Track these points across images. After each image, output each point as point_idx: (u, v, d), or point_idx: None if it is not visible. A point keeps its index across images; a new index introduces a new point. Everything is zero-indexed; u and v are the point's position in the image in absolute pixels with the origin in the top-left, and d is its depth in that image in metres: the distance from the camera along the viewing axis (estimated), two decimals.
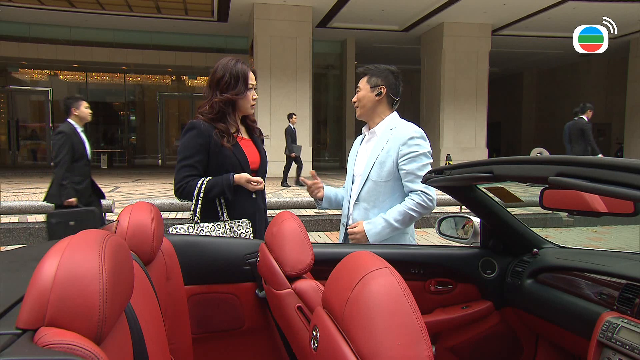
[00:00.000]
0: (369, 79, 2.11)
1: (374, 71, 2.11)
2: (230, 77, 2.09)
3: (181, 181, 2.06)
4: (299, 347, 1.34)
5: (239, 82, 2.09)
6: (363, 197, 2.10)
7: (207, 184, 2.04)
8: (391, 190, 2.06)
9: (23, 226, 5.47)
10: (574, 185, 1.08)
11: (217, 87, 2.10)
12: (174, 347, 1.47)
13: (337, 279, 0.89)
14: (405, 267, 1.82)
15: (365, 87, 2.11)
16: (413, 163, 2.01)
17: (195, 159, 2.06)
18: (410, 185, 2.01)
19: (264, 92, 12.77)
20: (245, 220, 2.10)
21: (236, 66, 2.11)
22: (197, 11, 13.50)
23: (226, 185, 2.05)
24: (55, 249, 0.73)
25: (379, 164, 2.05)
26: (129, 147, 18.94)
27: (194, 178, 2.06)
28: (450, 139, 14.70)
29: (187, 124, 2.11)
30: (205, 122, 2.08)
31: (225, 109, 2.10)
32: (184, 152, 2.08)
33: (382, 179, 2.05)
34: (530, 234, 1.86)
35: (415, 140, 2.03)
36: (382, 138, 2.09)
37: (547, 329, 1.67)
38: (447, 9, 12.77)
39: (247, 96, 2.12)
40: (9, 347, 0.65)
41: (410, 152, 2.01)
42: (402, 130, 2.06)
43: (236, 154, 2.11)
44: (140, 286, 1.10)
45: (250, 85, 2.13)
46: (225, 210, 2.09)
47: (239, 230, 2.06)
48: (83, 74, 18.16)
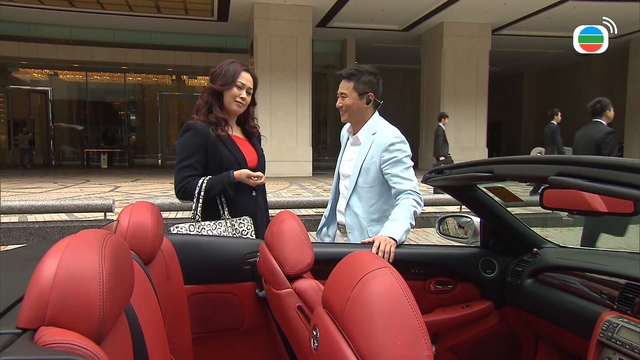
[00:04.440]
0: (355, 85, 2.13)
1: (359, 76, 2.13)
2: (221, 70, 2.14)
3: (182, 182, 2.07)
4: (299, 346, 1.34)
5: (227, 75, 2.12)
6: (353, 203, 2.16)
7: (208, 183, 2.05)
8: (378, 195, 2.13)
9: (23, 226, 5.47)
10: (574, 184, 1.09)
11: (210, 80, 2.17)
12: (174, 347, 1.47)
13: (337, 279, 0.89)
14: (405, 266, 1.82)
15: (353, 94, 2.13)
16: (396, 167, 2.06)
17: (194, 159, 2.08)
18: (398, 187, 2.05)
19: (264, 92, 12.77)
20: (246, 217, 2.12)
21: (231, 64, 2.15)
22: (197, 11, 13.49)
23: (227, 182, 2.06)
24: (55, 248, 0.74)
25: (364, 171, 2.12)
26: (129, 147, 18.95)
27: (194, 178, 2.07)
28: (450, 139, 14.63)
29: (183, 126, 2.14)
30: (201, 122, 2.10)
31: (211, 100, 2.13)
32: (182, 153, 2.09)
33: (367, 185, 2.13)
34: (530, 234, 1.86)
35: (396, 145, 2.08)
36: (365, 144, 2.15)
37: (547, 328, 1.67)
38: (447, 8, 12.77)
39: (232, 90, 2.12)
40: (9, 346, 0.65)
41: (392, 158, 2.07)
42: (383, 136, 2.11)
43: (234, 152, 2.13)
44: (140, 286, 1.10)
45: (239, 82, 2.13)
46: (226, 209, 2.11)
47: (240, 227, 2.08)
48: (83, 74, 18.16)
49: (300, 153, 13.21)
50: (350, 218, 2.16)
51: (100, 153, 17.71)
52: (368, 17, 13.76)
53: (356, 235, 2.14)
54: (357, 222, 2.14)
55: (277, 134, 12.93)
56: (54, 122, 17.73)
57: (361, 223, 2.13)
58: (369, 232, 2.10)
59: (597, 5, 11.58)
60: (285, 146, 13.02)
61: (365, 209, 2.13)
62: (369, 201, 2.12)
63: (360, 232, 2.13)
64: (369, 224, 2.12)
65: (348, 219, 2.17)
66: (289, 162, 13.00)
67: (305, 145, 13.29)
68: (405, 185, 2.03)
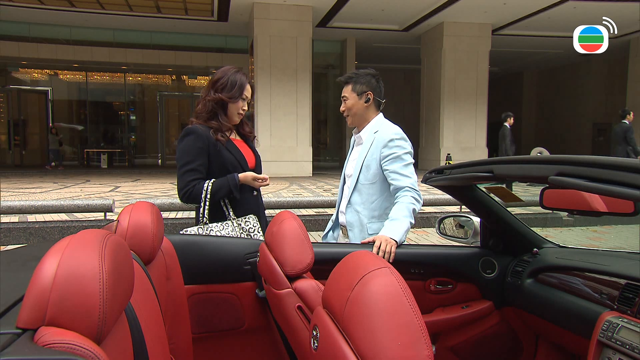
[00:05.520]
0: (353, 86, 2.16)
1: (356, 78, 2.16)
2: (228, 80, 2.15)
3: (187, 185, 2.08)
4: (299, 346, 1.34)
5: (234, 87, 2.14)
6: (354, 200, 2.17)
7: (213, 186, 2.08)
8: (379, 191, 2.13)
9: (23, 226, 5.46)
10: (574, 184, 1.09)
11: (213, 87, 2.16)
12: (174, 347, 1.47)
13: (337, 279, 0.89)
14: (405, 266, 1.82)
15: (352, 95, 2.17)
16: (395, 163, 2.07)
17: (197, 162, 2.09)
18: (397, 183, 2.05)
19: (264, 92, 12.77)
20: (251, 215, 2.15)
21: (236, 74, 2.17)
22: (197, 11, 13.49)
23: (233, 185, 2.09)
24: (55, 248, 0.73)
25: (365, 168, 2.14)
26: (129, 147, 18.95)
27: (199, 181, 2.09)
28: (450, 139, 14.70)
29: (184, 130, 2.15)
30: (201, 125, 2.12)
31: (217, 108, 2.15)
32: (185, 157, 2.10)
33: (368, 182, 2.14)
34: (530, 234, 1.86)
35: (396, 142, 2.09)
36: (367, 142, 2.17)
37: (547, 328, 1.67)
38: (447, 8, 12.77)
39: (237, 103, 2.16)
40: (9, 346, 0.65)
41: (391, 154, 2.08)
42: (383, 133, 2.13)
43: (235, 154, 2.16)
44: (141, 286, 1.10)
45: (244, 95, 2.17)
46: (231, 209, 2.14)
47: (246, 226, 2.11)
48: (83, 74, 18.17)
49: (300, 153, 13.21)
50: (351, 215, 2.17)
51: (100, 153, 17.70)
52: (368, 17, 13.76)
53: (356, 232, 2.14)
54: (358, 219, 2.14)
55: (277, 134, 12.93)
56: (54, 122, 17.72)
57: (362, 220, 2.13)
58: (369, 229, 2.10)
59: (597, 5, 11.58)
60: (285, 146, 13.03)
61: (366, 206, 2.13)
62: (369, 198, 2.13)
63: (360, 230, 2.13)
64: (369, 221, 2.12)
65: (349, 216, 2.18)
66: (289, 162, 13.01)
67: (305, 145, 13.29)
68: (404, 182, 2.03)
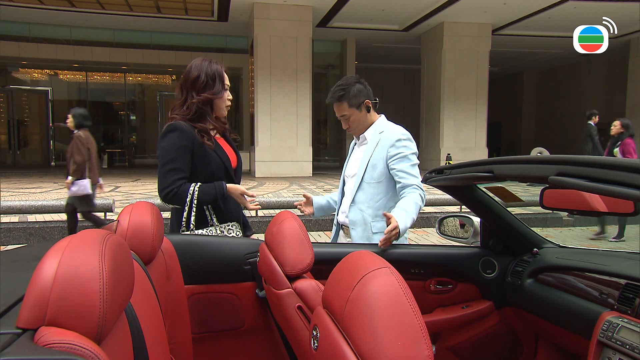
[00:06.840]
0: (349, 102, 2.15)
1: (347, 93, 2.14)
2: (207, 77, 2.03)
3: (171, 185, 1.96)
4: (299, 346, 1.34)
5: (215, 81, 2.04)
6: (359, 199, 2.16)
7: (199, 192, 1.98)
8: (385, 190, 2.14)
9: (23, 226, 5.47)
10: (574, 184, 1.09)
11: (193, 87, 2.03)
12: (174, 347, 1.47)
13: (337, 279, 0.89)
14: (405, 266, 1.82)
15: (351, 111, 2.17)
16: (402, 162, 2.09)
17: (181, 161, 1.98)
18: (404, 181, 2.06)
19: (264, 92, 12.78)
20: (235, 223, 2.10)
21: (211, 66, 2.05)
22: (197, 11, 13.49)
23: (220, 195, 2.01)
24: (55, 248, 0.73)
25: (371, 167, 2.14)
26: (129, 147, 18.95)
27: (184, 182, 1.99)
28: (450, 139, 14.70)
29: (167, 126, 2.01)
30: (185, 122, 2.01)
31: (204, 109, 2.04)
32: (168, 155, 1.97)
33: (374, 181, 2.14)
34: (531, 234, 1.86)
35: (403, 142, 2.11)
36: (372, 142, 2.18)
37: (547, 328, 1.67)
38: (447, 8, 12.76)
39: (223, 96, 2.08)
40: (9, 346, 0.65)
41: (398, 153, 2.09)
42: (390, 133, 2.15)
43: (219, 154, 2.08)
44: (141, 286, 1.10)
45: (226, 85, 2.09)
46: (214, 216, 2.06)
47: (229, 234, 2.07)
48: (83, 74, 18.15)
49: (300, 153, 13.21)
50: (355, 214, 2.16)
51: (101, 153, 17.71)
52: (368, 17, 13.76)
53: (359, 231, 2.14)
54: (362, 218, 2.14)
55: (277, 134, 12.93)
56: (54, 122, 17.72)
57: (366, 219, 2.13)
58: (373, 227, 2.11)
59: (597, 5, 11.57)
60: (285, 146, 13.03)
61: (371, 205, 2.14)
62: (374, 197, 2.14)
63: (363, 229, 2.13)
64: (373, 220, 2.12)
65: (352, 215, 2.17)
66: (289, 162, 13.01)
67: (305, 145, 13.29)
68: (411, 181, 2.05)
